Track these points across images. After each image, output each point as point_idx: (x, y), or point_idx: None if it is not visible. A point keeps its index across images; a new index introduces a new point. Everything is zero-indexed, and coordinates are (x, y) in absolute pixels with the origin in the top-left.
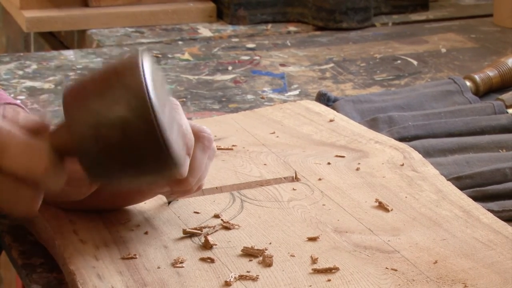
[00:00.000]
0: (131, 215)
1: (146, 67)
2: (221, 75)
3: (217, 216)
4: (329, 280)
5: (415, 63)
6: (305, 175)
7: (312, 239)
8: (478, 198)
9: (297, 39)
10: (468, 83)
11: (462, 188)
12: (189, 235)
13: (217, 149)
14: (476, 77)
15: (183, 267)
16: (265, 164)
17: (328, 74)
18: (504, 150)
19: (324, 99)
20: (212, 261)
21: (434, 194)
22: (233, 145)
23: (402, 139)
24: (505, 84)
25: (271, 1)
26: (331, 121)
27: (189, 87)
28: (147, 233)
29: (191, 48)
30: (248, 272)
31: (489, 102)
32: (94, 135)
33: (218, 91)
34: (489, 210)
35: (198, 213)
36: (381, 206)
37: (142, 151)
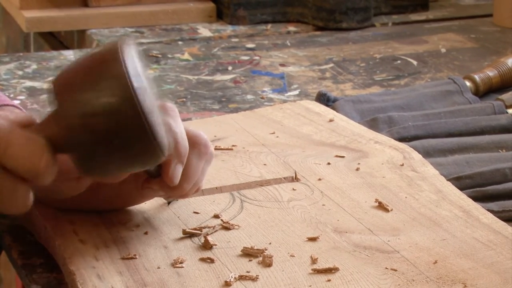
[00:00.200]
0: (131, 215)
1: (126, 54)
2: (221, 75)
3: (217, 216)
4: (329, 280)
5: (415, 63)
6: (305, 175)
7: (312, 239)
8: (478, 198)
9: (297, 39)
10: (468, 83)
11: (462, 188)
12: (189, 235)
13: (216, 149)
14: (476, 77)
15: (183, 267)
16: (265, 164)
17: (328, 74)
18: (504, 150)
19: (324, 99)
20: (212, 261)
21: (434, 194)
22: (233, 145)
23: (402, 139)
24: (505, 84)
25: (271, 1)
26: (331, 121)
27: (189, 87)
28: (147, 233)
29: (191, 48)
30: (248, 272)
31: (489, 102)
32: (81, 124)
33: (218, 91)
34: (489, 210)
35: (198, 213)
36: (381, 206)
37: (128, 134)
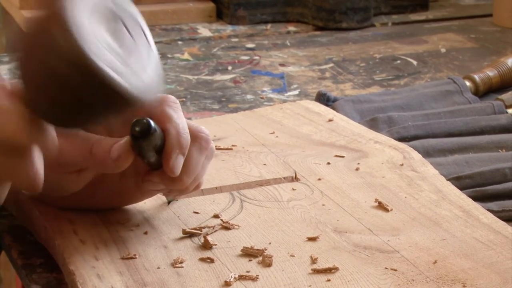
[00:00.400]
0: (130, 215)
1: (69, 9)
2: (220, 75)
3: (216, 216)
4: (328, 280)
5: (414, 63)
6: (304, 175)
7: (312, 239)
8: (477, 198)
9: (296, 39)
10: (467, 83)
11: (462, 188)
12: (188, 235)
13: (216, 149)
14: (476, 77)
15: (182, 267)
16: (264, 164)
17: (327, 74)
18: (504, 150)
19: (323, 99)
20: (211, 261)
21: (434, 194)
22: (233, 145)
23: (402, 139)
24: (505, 84)
25: (270, 1)
26: (330, 121)
27: (189, 87)
28: (146, 233)
29: (190, 48)
30: (247, 272)
31: (489, 102)
32: (43, 82)
33: (218, 91)
34: (488, 210)
35: (197, 213)
36: (381, 206)
37: (89, 84)
